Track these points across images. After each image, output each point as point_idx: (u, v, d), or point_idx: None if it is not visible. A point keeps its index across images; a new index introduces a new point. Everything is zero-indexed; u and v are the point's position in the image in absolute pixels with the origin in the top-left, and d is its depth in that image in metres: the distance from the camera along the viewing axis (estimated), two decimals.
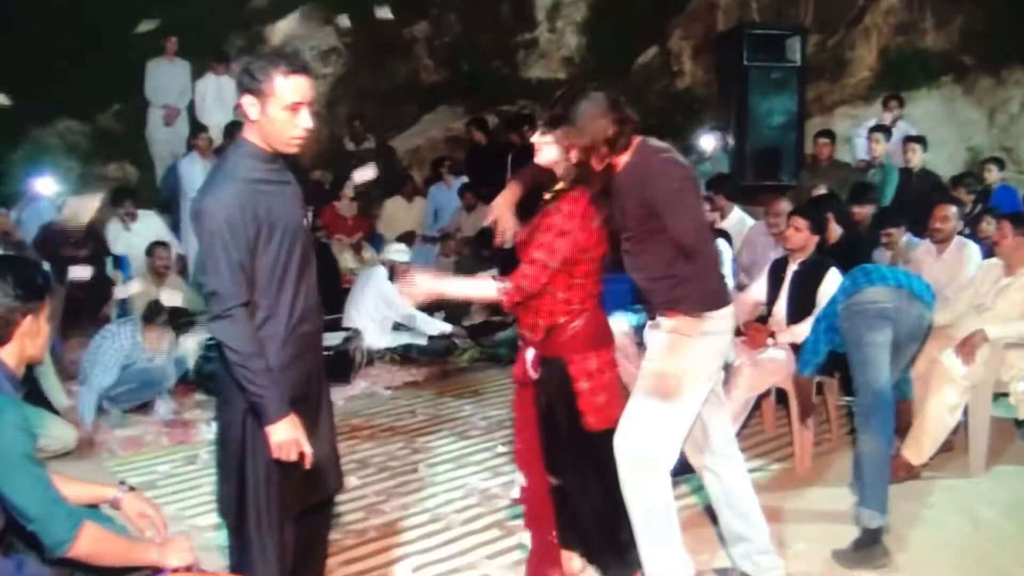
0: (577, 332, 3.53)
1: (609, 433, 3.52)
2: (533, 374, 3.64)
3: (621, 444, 3.45)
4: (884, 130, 8.79)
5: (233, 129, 3.68)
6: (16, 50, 10.54)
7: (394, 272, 8.12)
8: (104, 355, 6.14)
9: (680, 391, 3.37)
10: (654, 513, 3.46)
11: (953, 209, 6.10)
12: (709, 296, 3.41)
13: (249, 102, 2.92)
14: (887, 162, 8.57)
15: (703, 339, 3.39)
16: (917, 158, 8.61)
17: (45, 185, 9.42)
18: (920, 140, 8.74)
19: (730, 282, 6.45)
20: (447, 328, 8.02)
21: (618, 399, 3.61)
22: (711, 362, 3.52)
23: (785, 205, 6.71)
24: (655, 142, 3.43)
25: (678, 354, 3.36)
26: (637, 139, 3.41)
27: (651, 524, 3.47)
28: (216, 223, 2.84)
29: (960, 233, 6.30)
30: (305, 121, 2.97)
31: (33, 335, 2.76)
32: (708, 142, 9.91)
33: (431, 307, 8.53)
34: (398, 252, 8.42)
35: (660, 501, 3.46)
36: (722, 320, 3.47)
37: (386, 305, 7.88)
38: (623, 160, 3.39)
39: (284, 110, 2.91)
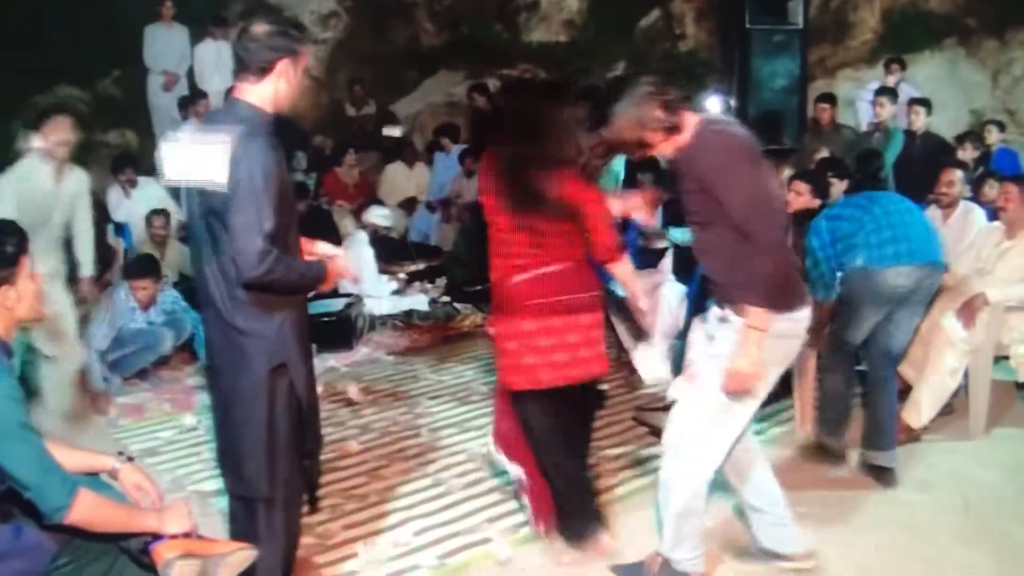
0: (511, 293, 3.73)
1: (531, 394, 3.73)
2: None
3: (674, 438, 3.48)
4: (889, 93, 8.72)
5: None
6: (15, 17, 10.52)
7: (376, 235, 8.28)
8: (98, 315, 6.18)
9: (751, 389, 3.34)
10: (691, 509, 3.51)
11: (959, 173, 6.07)
12: (780, 293, 3.27)
13: (286, 66, 3.05)
14: (891, 125, 8.51)
15: (772, 341, 3.27)
16: (920, 120, 8.53)
17: None
18: (924, 102, 8.66)
19: None
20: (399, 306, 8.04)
21: (552, 366, 3.71)
22: (776, 367, 3.42)
23: (787, 173, 6.74)
24: (714, 118, 3.40)
25: (749, 351, 3.25)
26: (695, 118, 3.37)
27: (686, 516, 3.51)
28: (255, 181, 2.91)
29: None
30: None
31: (15, 302, 2.74)
32: (713, 104, 9.84)
33: (433, 273, 8.58)
34: (380, 216, 8.41)
35: (699, 499, 3.51)
36: (795, 324, 3.38)
37: (360, 270, 7.86)
38: (682, 140, 3.36)
39: (300, 74, 3.13)
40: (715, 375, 3.35)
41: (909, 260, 4.51)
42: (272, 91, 3.07)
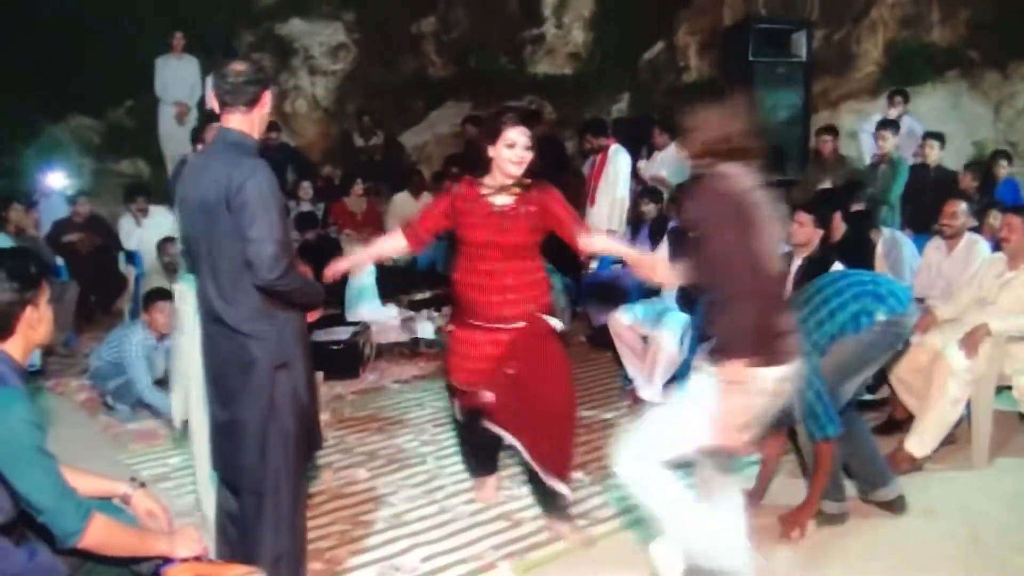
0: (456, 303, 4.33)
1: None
2: None
3: (615, 458, 3.52)
4: (891, 125, 8.70)
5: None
6: (29, 48, 10.57)
7: (381, 265, 8.29)
8: (129, 357, 6.19)
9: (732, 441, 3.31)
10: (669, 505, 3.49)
11: (963, 205, 6.05)
12: (757, 346, 3.16)
13: (268, 96, 3.42)
14: (895, 156, 8.50)
15: (749, 398, 3.23)
16: (935, 154, 8.55)
17: (56, 179, 9.56)
18: (938, 136, 8.67)
19: None
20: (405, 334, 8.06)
21: (464, 371, 4.30)
22: (754, 423, 3.34)
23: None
24: (724, 167, 3.27)
25: (724, 406, 3.23)
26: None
27: (672, 516, 3.51)
28: (264, 193, 3.19)
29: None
30: None
31: (36, 323, 2.80)
32: None
33: (439, 301, 8.61)
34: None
35: (667, 494, 3.47)
36: (769, 381, 3.25)
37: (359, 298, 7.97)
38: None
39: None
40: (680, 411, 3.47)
41: (909, 305, 4.37)
42: (258, 119, 3.40)
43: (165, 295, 6.25)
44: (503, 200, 4.16)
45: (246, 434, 3.37)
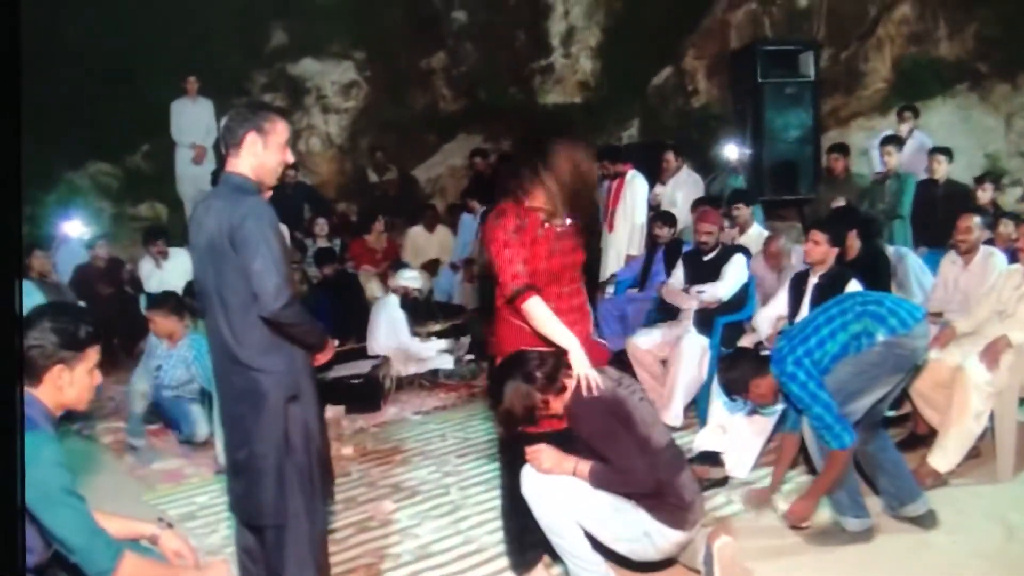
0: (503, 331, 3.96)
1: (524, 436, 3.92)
2: None
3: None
4: (895, 141, 8.66)
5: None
6: (47, 95, 10.51)
7: (407, 298, 8.32)
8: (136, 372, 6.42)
9: None
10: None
11: (976, 219, 5.99)
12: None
13: (253, 139, 3.37)
14: (902, 171, 8.45)
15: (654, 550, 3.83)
16: (943, 169, 8.47)
17: (74, 227, 9.63)
18: (946, 151, 8.60)
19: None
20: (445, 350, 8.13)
21: None
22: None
23: (783, 243, 6.96)
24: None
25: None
26: None
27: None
28: (265, 229, 3.23)
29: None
30: (289, 157, 3.51)
31: (65, 384, 2.78)
32: (732, 151, 9.89)
33: (457, 331, 8.64)
34: (410, 279, 8.51)
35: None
36: (668, 543, 3.82)
37: (393, 332, 7.96)
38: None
39: (279, 147, 3.44)
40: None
41: (921, 319, 4.34)
42: (248, 163, 3.39)
43: (161, 302, 6.46)
44: (559, 219, 3.83)
45: (263, 470, 3.40)
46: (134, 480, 5.96)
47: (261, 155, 3.38)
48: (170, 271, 8.88)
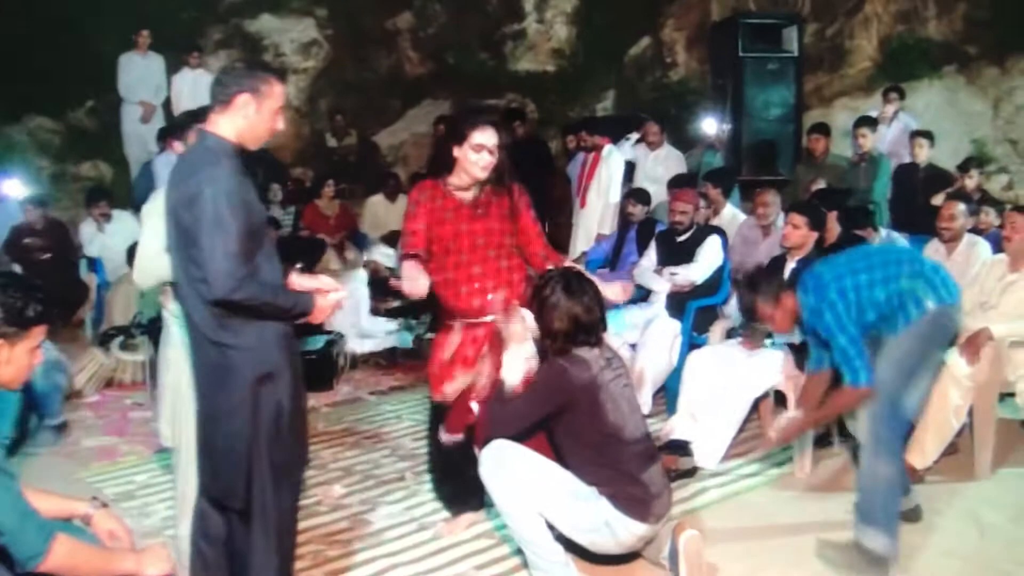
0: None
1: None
2: None
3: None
4: (870, 123, 8.54)
5: (188, 123, 3.95)
6: None
7: (376, 273, 8.21)
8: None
9: None
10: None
11: (961, 207, 5.94)
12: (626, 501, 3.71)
13: (246, 100, 3.21)
14: (876, 154, 8.37)
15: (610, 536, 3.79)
16: (924, 153, 8.39)
17: (13, 187, 9.34)
18: (927, 135, 8.52)
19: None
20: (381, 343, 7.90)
21: (447, 378, 4.24)
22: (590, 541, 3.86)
23: (772, 196, 6.76)
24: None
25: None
26: None
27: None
28: (219, 204, 3.03)
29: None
30: (280, 124, 3.36)
31: (4, 363, 2.68)
32: (710, 126, 9.83)
33: (417, 309, 8.33)
34: (384, 255, 8.29)
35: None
36: (631, 535, 3.76)
37: (355, 309, 7.77)
38: None
39: (272, 113, 3.29)
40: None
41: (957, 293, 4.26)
42: (232, 124, 3.23)
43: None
44: (471, 194, 4.21)
45: (232, 452, 3.29)
46: (65, 458, 5.78)
47: (252, 118, 3.24)
48: (113, 234, 8.70)
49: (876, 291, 4.04)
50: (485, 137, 4.07)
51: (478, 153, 4.06)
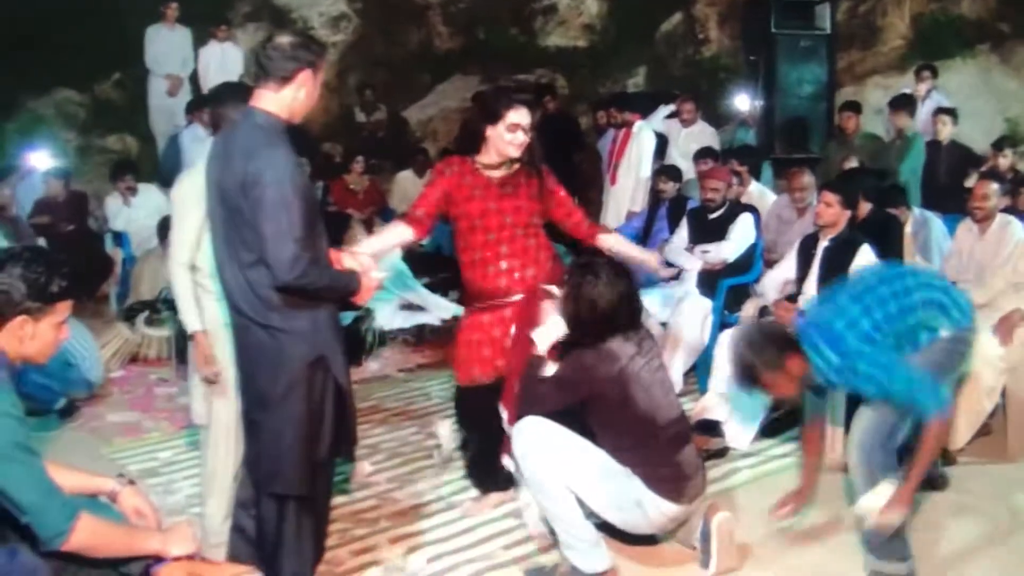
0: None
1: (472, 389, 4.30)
2: None
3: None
4: (906, 102, 8.41)
5: (226, 96, 3.87)
6: (9, 18, 10.38)
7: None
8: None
9: None
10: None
11: (994, 186, 5.77)
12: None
13: (307, 76, 3.19)
14: (910, 133, 8.23)
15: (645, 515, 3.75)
16: (947, 131, 8.30)
17: (40, 159, 9.36)
18: (950, 112, 8.44)
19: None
20: (458, 310, 7.72)
21: (482, 360, 4.23)
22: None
23: (808, 178, 6.69)
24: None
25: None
26: None
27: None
28: (284, 188, 3.04)
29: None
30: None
31: (25, 336, 2.64)
32: (743, 102, 9.80)
33: (446, 285, 8.29)
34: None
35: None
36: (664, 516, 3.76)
37: (394, 283, 7.60)
38: None
39: (317, 87, 3.28)
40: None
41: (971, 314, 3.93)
42: (290, 100, 3.20)
43: None
44: (500, 173, 4.20)
45: (280, 435, 3.28)
46: (88, 433, 5.75)
47: (308, 94, 3.25)
48: (138, 208, 8.68)
49: (896, 324, 3.67)
50: (520, 116, 4.05)
51: (512, 133, 4.05)
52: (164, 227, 7.26)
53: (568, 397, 3.69)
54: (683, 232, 6.46)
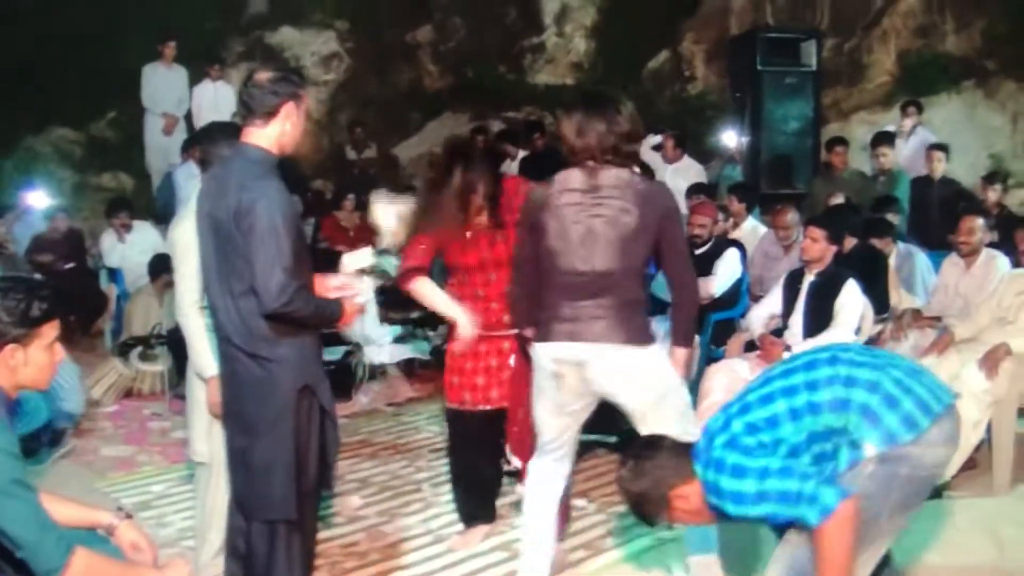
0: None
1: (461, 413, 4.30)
2: None
3: None
4: (888, 139, 8.58)
5: (216, 134, 3.94)
6: (7, 55, 10.49)
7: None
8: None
9: None
10: None
11: (979, 221, 5.91)
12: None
13: (291, 108, 3.28)
14: (895, 169, 8.38)
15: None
16: (941, 167, 8.38)
17: (37, 198, 9.43)
18: (943, 148, 8.52)
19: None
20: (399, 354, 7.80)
21: (474, 387, 4.25)
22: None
23: (793, 216, 6.73)
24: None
25: None
26: None
27: None
28: (274, 218, 3.12)
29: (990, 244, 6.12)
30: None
31: (21, 365, 2.64)
32: (730, 139, 9.87)
33: (435, 320, 8.33)
34: (389, 263, 8.30)
35: None
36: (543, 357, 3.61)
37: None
38: None
39: (304, 118, 3.37)
40: None
41: (946, 416, 2.81)
42: (278, 133, 3.28)
43: None
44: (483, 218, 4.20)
45: (269, 465, 3.31)
46: (82, 467, 5.78)
47: (294, 125, 3.32)
48: (133, 245, 8.71)
49: (783, 430, 2.78)
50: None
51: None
52: (155, 265, 7.36)
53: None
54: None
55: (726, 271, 6.27)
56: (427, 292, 4.18)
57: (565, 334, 3.48)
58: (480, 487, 4.45)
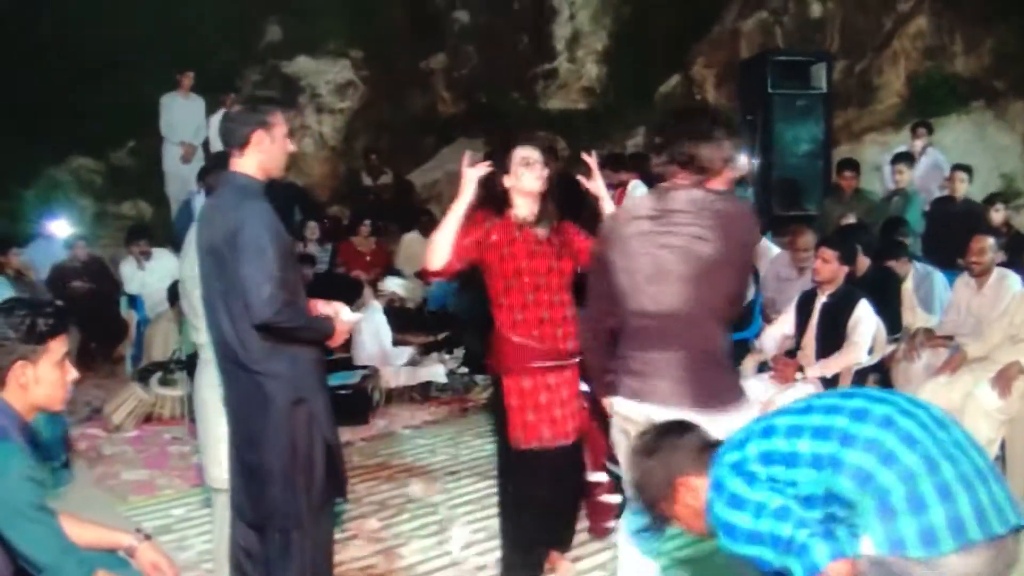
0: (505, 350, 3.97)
1: (538, 453, 3.90)
2: None
3: None
4: (906, 158, 8.56)
5: (218, 164, 4.06)
6: (30, 87, 10.58)
7: (391, 305, 8.35)
8: None
9: None
10: None
11: (990, 241, 5.93)
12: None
13: (261, 136, 3.39)
14: (910, 190, 8.34)
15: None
16: (964, 187, 8.31)
17: (59, 227, 9.51)
18: (967, 169, 8.45)
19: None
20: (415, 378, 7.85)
21: (553, 421, 3.94)
22: None
23: (810, 238, 6.70)
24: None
25: None
26: None
27: None
28: (260, 233, 3.24)
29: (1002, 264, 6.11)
30: (292, 147, 3.58)
31: (30, 382, 2.65)
32: (740, 161, 9.75)
33: (451, 343, 8.39)
34: (396, 285, 8.37)
35: None
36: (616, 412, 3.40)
37: (376, 340, 7.80)
38: None
39: (283, 139, 3.48)
40: None
41: (985, 532, 2.24)
42: (256, 161, 3.43)
43: None
44: (542, 229, 4.06)
45: (271, 474, 3.41)
46: (104, 491, 5.81)
47: (269, 150, 3.43)
48: (152, 272, 8.76)
49: (800, 475, 2.42)
50: (525, 151, 4.02)
51: (529, 167, 3.98)
52: (174, 291, 7.44)
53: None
54: None
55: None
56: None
57: (631, 391, 3.16)
58: (565, 513, 4.30)
